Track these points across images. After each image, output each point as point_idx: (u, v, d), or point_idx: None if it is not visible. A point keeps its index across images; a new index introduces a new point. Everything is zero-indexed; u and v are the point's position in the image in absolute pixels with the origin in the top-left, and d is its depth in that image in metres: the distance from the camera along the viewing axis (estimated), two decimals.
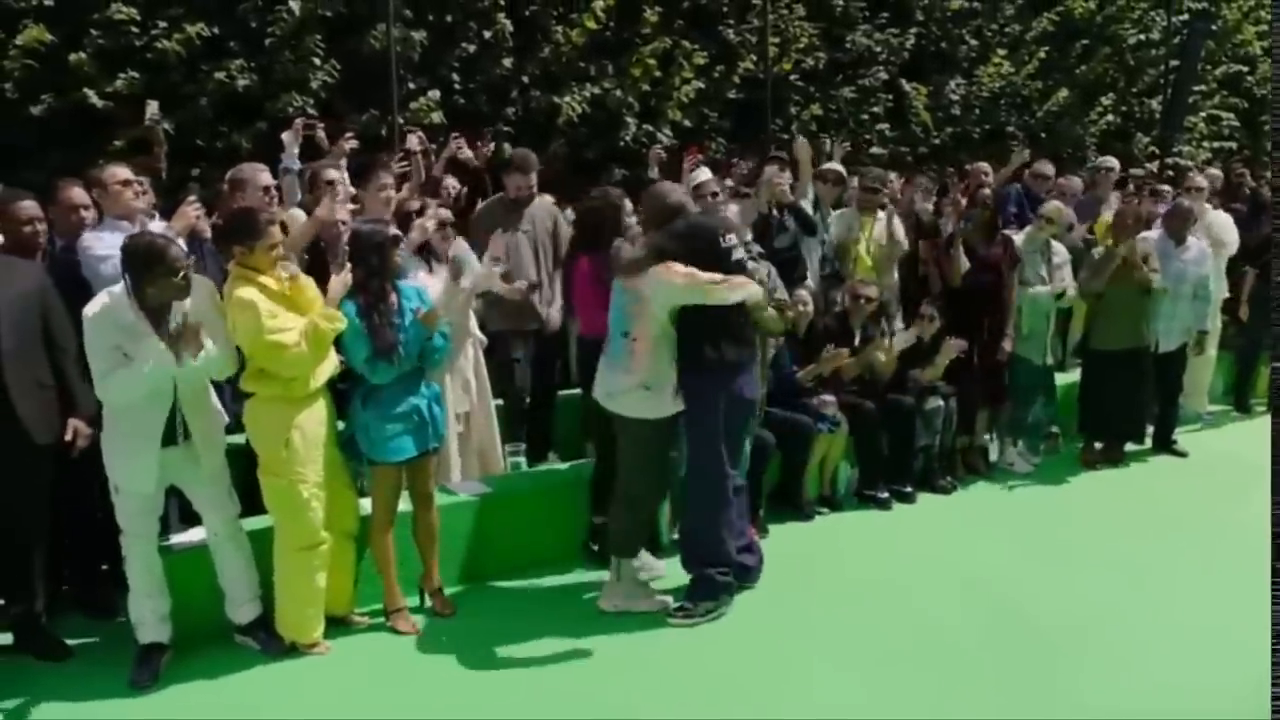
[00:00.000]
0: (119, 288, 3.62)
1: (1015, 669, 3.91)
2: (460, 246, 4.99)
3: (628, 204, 5.01)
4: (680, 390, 4.24)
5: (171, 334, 3.60)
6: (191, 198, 4.53)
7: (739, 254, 4.23)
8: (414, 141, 6.12)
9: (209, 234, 4.56)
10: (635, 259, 4.14)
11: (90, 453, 3.84)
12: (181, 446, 3.78)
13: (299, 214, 5.04)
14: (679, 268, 4.04)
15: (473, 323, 5.32)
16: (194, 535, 4.15)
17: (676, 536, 4.94)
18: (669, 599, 4.42)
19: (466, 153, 6.65)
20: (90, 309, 3.61)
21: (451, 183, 6.54)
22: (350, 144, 5.94)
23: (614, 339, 4.29)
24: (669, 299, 4.14)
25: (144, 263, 3.55)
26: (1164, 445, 6.92)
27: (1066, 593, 4.61)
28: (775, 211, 6.06)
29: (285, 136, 5.71)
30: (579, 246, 5.00)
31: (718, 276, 4.07)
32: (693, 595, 4.36)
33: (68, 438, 3.85)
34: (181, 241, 3.95)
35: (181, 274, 3.59)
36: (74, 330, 3.83)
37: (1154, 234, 6.68)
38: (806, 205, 6.18)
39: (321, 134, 6.32)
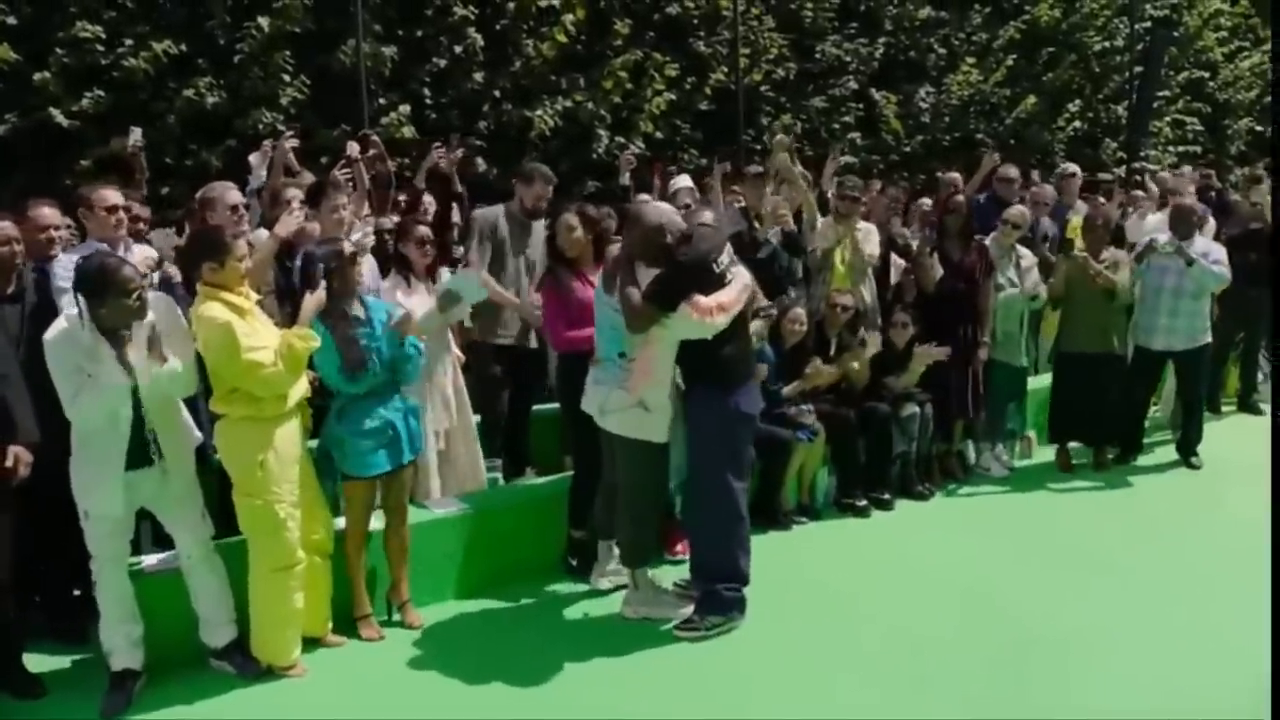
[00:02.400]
0: (75, 310, 3.57)
1: (1001, 674, 3.91)
2: (458, 281, 4.74)
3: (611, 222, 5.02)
4: (684, 405, 4.23)
5: (147, 344, 3.56)
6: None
7: (730, 274, 4.20)
8: (353, 149, 6.01)
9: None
10: (648, 312, 4.05)
11: (56, 477, 3.75)
12: (151, 468, 3.73)
13: (264, 234, 5.02)
14: (703, 302, 4.01)
15: (451, 337, 5.30)
16: (167, 558, 4.10)
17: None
18: (690, 607, 4.39)
19: (447, 164, 6.59)
20: (49, 334, 3.57)
21: (429, 199, 6.50)
22: (291, 142, 5.87)
23: (606, 359, 4.27)
24: (687, 334, 4.12)
25: (96, 285, 3.51)
26: (1183, 455, 6.83)
27: (1049, 596, 4.63)
28: (758, 223, 6.11)
29: (253, 158, 5.67)
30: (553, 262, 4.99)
31: (734, 301, 4.08)
32: (701, 609, 4.33)
33: (8, 464, 3.72)
34: (140, 267, 3.90)
35: (135, 295, 3.55)
36: (14, 354, 3.80)
37: (1163, 236, 6.67)
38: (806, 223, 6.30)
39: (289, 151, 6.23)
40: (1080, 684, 3.83)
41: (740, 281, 4.20)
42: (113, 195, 4.38)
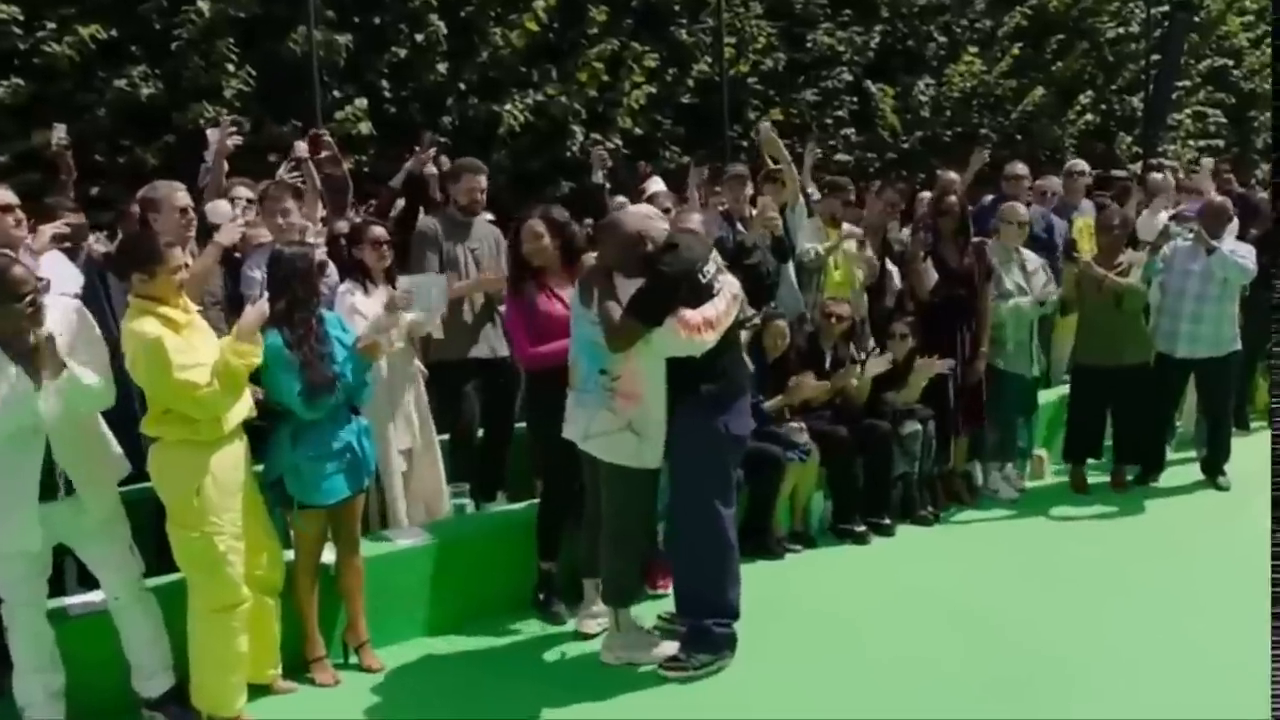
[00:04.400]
0: None
1: (1010, 713, 3.89)
2: (417, 282, 4.79)
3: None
4: (669, 428, 4.20)
5: (42, 356, 3.47)
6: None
7: (718, 284, 4.18)
8: (301, 148, 5.97)
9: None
10: (630, 329, 4.03)
11: None
12: (63, 500, 3.65)
13: (223, 205, 4.99)
14: (690, 317, 3.99)
15: (414, 352, 5.28)
16: (93, 598, 4.02)
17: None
18: (676, 644, 4.36)
19: (431, 168, 6.52)
20: None
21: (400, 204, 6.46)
22: (231, 131, 5.82)
23: (585, 375, 4.24)
24: (673, 352, 4.10)
25: None
26: (1209, 474, 6.84)
27: (1061, 628, 4.62)
28: (739, 225, 6.12)
29: (210, 133, 5.65)
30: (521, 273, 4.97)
31: (724, 315, 4.07)
32: (688, 646, 4.30)
33: None
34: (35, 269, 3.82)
35: (27, 299, 3.48)
36: None
37: (1183, 244, 6.70)
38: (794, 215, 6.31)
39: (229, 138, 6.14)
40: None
41: (729, 292, 4.18)
42: (3, 194, 4.34)
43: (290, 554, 4.23)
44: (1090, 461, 6.82)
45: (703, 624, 4.29)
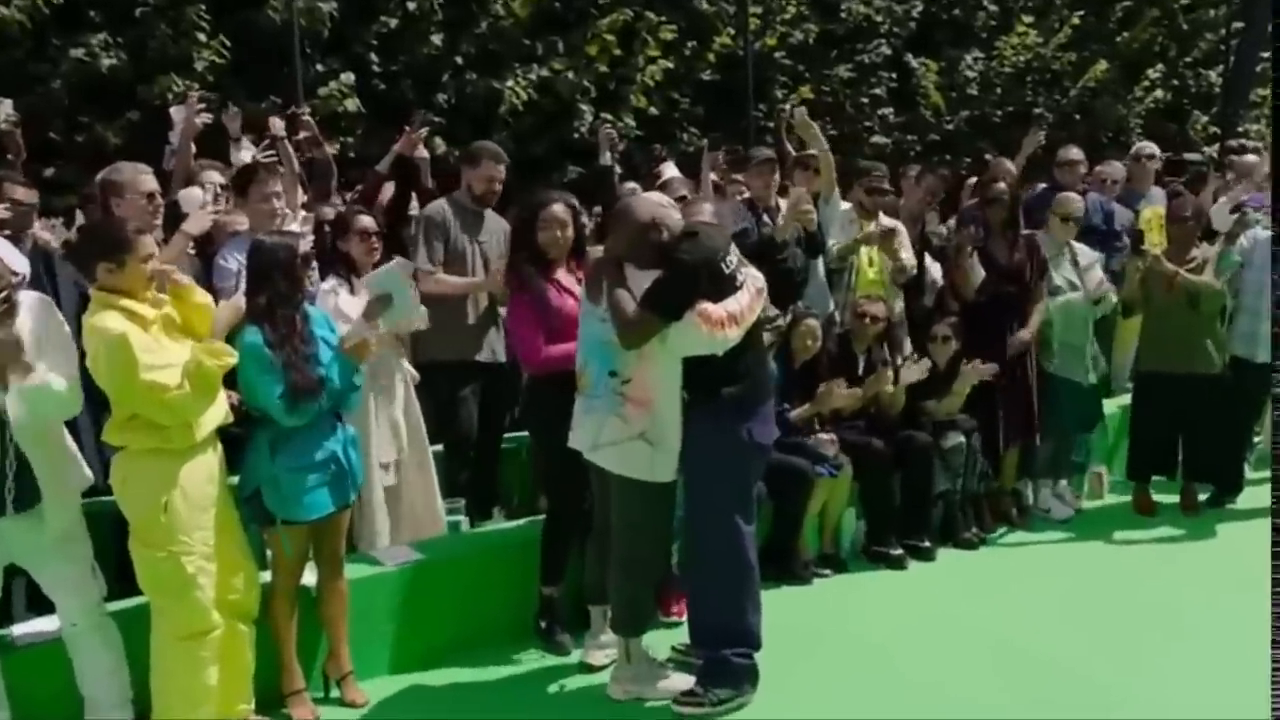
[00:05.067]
0: None
1: None
2: (391, 280, 4.73)
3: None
4: (684, 435, 4.21)
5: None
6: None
7: (740, 275, 4.19)
8: (277, 125, 6.00)
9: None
10: (646, 323, 4.04)
11: None
12: (14, 515, 3.66)
13: (195, 193, 5.02)
14: (712, 311, 4.00)
15: (403, 354, 5.30)
16: (44, 626, 4.02)
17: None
18: (691, 680, 4.36)
19: (423, 152, 6.55)
20: None
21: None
22: (200, 109, 5.85)
23: (595, 378, 4.24)
24: (693, 349, 4.10)
25: None
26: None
27: (1116, 667, 4.60)
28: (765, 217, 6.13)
29: (175, 112, 5.67)
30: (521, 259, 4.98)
31: (748, 310, 4.08)
32: (705, 680, 4.29)
33: None
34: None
35: (1, 295, 3.51)
36: None
37: (1264, 234, 6.66)
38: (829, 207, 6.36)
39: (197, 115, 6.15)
40: None
41: (752, 286, 4.20)
42: None
43: (267, 575, 4.24)
44: (1157, 480, 6.79)
45: (721, 655, 4.28)
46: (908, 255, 6.53)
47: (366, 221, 5.04)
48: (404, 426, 5.15)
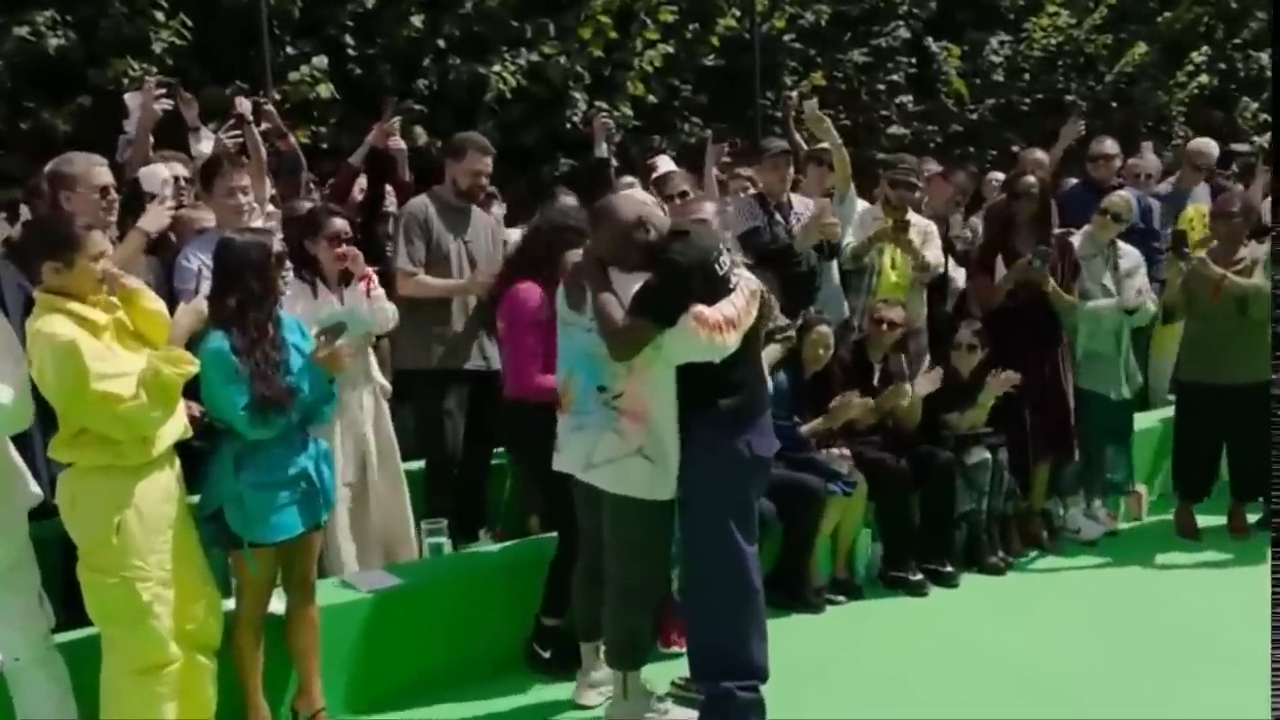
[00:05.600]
0: None
1: None
2: (337, 314, 4.68)
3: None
4: (682, 447, 4.21)
5: None
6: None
7: (734, 277, 4.19)
8: (244, 105, 6.00)
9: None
10: (637, 330, 4.02)
11: None
12: None
13: (160, 170, 5.03)
14: (709, 314, 3.99)
15: (373, 364, 5.30)
16: None
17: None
18: (692, 716, 4.36)
19: (399, 143, 6.53)
20: None
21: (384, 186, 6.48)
22: (158, 95, 5.83)
23: (582, 395, 4.24)
24: (688, 356, 4.09)
25: None
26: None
27: (1155, 706, 4.57)
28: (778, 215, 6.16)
29: (129, 99, 5.68)
30: (516, 270, 4.98)
31: (744, 314, 4.08)
32: (708, 716, 4.29)
33: None
34: None
35: None
36: None
37: None
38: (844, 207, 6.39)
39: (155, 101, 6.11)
40: None
41: (746, 288, 4.20)
42: None
43: (230, 603, 4.23)
44: (1202, 499, 6.78)
45: (724, 689, 4.25)
46: (934, 253, 6.52)
47: (339, 225, 5.03)
48: (373, 443, 5.16)
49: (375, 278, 5.12)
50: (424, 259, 5.49)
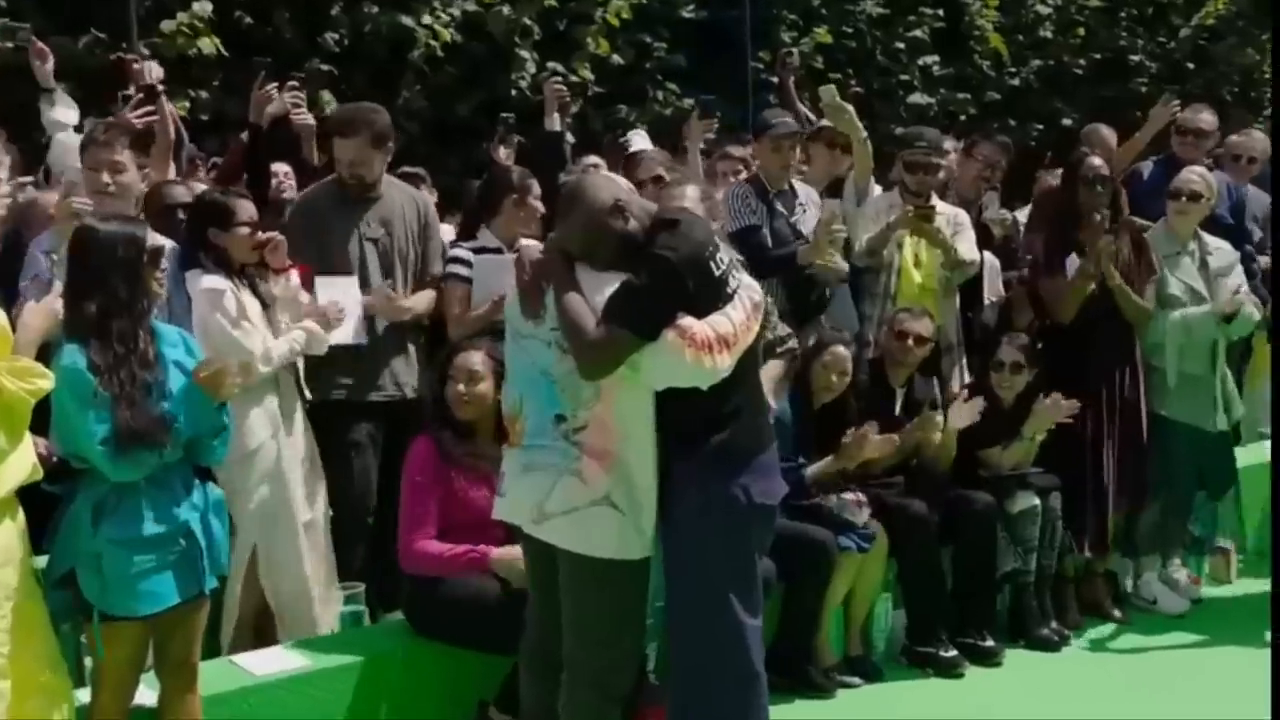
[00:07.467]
0: None
1: None
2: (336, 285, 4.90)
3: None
4: (662, 498, 4.21)
5: None
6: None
7: (733, 280, 4.20)
8: (155, 71, 6.07)
9: None
10: (614, 342, 3.99)
11: None
12: None
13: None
14: (698, 330, 3.97)
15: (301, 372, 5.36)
16: None
17: None
18: None
19: (305, 116, 6.50)
20: None
21: (283, 168, 6.47)
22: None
23: (534, 425, 4.21)
24: (670, 380, 4.09)
25: None
26: None
27: None
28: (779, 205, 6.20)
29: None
30: None
31: (743, 331, 4.09)
32: None
33: None
34: None
35: None
36: None
37: None
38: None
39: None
40: None
41: (747, 298, 4.20)
42: None
43: (86, 693, 4.20)
44: None
45: None
46: (967, 247, 6.53)
47: (252, 209, 5.11)
48: (297, 481, 5.22)
49: (296, 273, 5.16)
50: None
